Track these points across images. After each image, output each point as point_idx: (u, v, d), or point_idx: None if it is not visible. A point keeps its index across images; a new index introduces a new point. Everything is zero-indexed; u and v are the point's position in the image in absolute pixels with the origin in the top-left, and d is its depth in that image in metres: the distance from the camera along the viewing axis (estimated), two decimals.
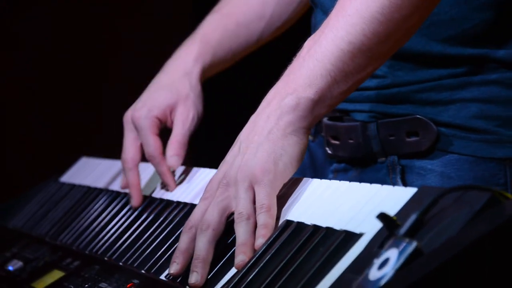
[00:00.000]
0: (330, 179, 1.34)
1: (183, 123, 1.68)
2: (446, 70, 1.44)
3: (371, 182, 1.17)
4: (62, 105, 3.66)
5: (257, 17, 1.85)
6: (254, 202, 1.20)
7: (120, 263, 1.33)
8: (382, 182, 1.23)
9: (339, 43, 1.26)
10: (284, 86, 1.27)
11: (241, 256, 1.14)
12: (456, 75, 1.44)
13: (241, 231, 1.16)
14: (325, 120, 1.48)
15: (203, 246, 1.20)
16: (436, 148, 1.40)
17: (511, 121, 1.41)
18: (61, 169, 1.90)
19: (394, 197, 1.06)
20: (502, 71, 1.44)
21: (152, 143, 1.62)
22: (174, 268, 1.22)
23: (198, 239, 1.21)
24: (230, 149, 1.29)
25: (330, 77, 1.25)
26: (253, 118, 1.29)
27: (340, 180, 1.22)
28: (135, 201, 1.58)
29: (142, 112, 1.65)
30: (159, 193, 1.55)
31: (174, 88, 1.71)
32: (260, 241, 1.15)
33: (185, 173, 1.56)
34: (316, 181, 1.25)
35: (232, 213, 1.20)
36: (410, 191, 1.05)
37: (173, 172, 1.60)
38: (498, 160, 1.40)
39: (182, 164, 1.59)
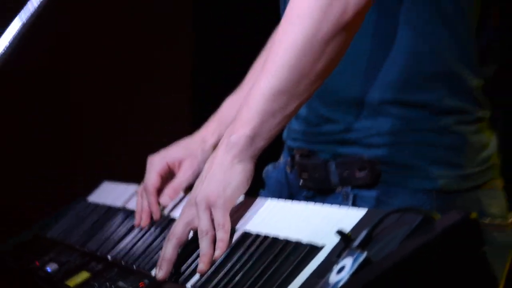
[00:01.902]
0: None
1: (184, 175, 1.67)
2: (385, 118, 1.39)
3: None
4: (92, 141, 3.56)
5: None
6: (212, 220, 1.22)
7: (134, 266, 1.32)
8: None
9: (263, 89, 1.26)
10: (231, 128, 1.28)
11: (201, 264, 1.17)
12: (394, 123, 1.40)
13: (202, 244, 1.19)
14: (297, 157, 1.47)
15: (168, 251, 1.24)
16: (380, 181, 1.38)
17: (438, 160, 1.38)
18: (88, 190, 1.89)
19: (349, 217, 1.05)
20: (433, 119, 1.39)
21: (153, 180, 1.61)
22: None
23: (165, 245, 1.26)
24: (199, 177, 1.31)
25: (260, 117, 1.25)
26: (213, 153, 1.30)
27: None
28: (143, 222, 1.57)
29: (159, 156, 1.66)
30: (165, 212, 1.54)
31: (189, 148, 1.71)
32: (217, 252, 1.18)
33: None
34: (289, 202, 1.25)
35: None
36: (362, 212, 1.04)
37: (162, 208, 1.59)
38: (427, 191, 1.37)
39: None
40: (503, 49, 2.19)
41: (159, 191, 1.60)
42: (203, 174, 1.27)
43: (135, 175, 1.67)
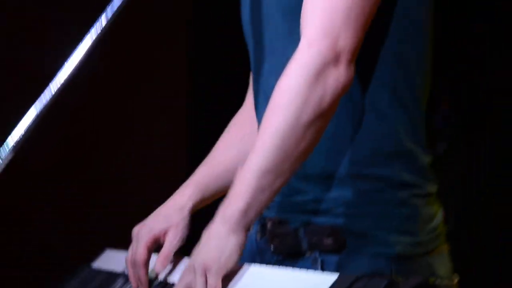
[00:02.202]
0: None
1: (171, 244, 1.69)
2: (350, 190, 1.49)
3: None
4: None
5: (237, 164, 1.82)
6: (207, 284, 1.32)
7: None
8: None
9: (252, 169, 1.36)
10: (226, 202, 1.38)
11: None
12: (358, 195, 1.49)
13: None
14: (269, 225, 1.54)
15: None
16: (345, 247, 1.46)
17: (395, 229, 1.47)
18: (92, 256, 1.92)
19: (323, 281, 1.16)
20: (392, 192, 1.50)
21: (142, 253, 1.64)
22: None
23: None
24: (197, 245, 1.39)
25: (251, 193, 1.35)
26: (211, 225, 1.39)
27: None
28: None
29: (145, 230, 1.69)
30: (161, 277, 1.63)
31: (170, 218, 1.72)
32: None
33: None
34: (263, 267, 1.37)
35: None
36: (334, 277, 1.14)
37: (156, 275, 1.65)
38: (386, 257, 1.46)
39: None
40: (451, 131, 2.44)
41: (147, 262, 1.65)
42: (201, 243, 1.37)
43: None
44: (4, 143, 1.53)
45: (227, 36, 3.10)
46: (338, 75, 1.38)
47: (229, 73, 1.93)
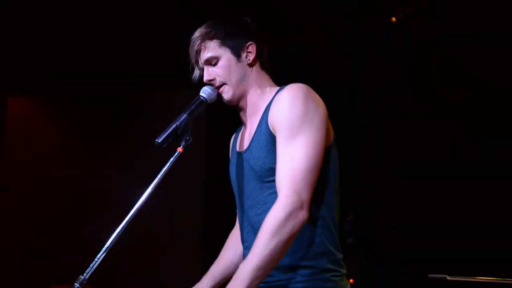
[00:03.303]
0: None
1: None
2: (297, 274, 1.88)
3: None
4: None
5: (231, 263, 2.25)
6: None
7: None
8: None
9: (249, 266, 1.74)
10: (231, 284, 1.75)
11: None
12: (301, 277, 1.89)
13: None
14: None
15: None
16: None
17: None
18: None
19: None
20: (321, 274, 1.90)
21: None
22: None
23: None
24: None
25: (248, 281, 1.73)
26: None
27: None
28: None
29: None
30: None
31: None
32: None
33: None
34: None
35: None
36: None
37: None
38: None
39: None
40: (356, 237, 3.04)
41: None
42: None
43: None
44: None
45: None
46: (303, 214, 1.81)
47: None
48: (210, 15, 2.17)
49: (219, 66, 2.06)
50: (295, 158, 1.82)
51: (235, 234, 2.27)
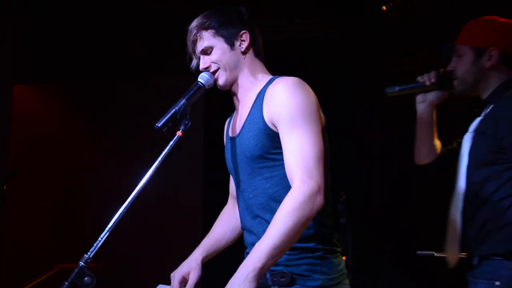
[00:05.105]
0: None
1: (192, 280, 2.17)
2: (294, 254, 1.89)
3: None
4: None
5: (222, 238, 2.32)
6: None
7: None
8: None
9: (267, 245, 1.73)
10: (247, 261, 1.73)
11: None
12: (297, 255, 1.90)
13: None
14: None
15: None
16: (295, 283, 1.88)
17: (319, 272, 1.88)
18: None
19: None
20: (316, 253, 1.91)
21: (176, 286, 2.14)
22: None
23: None
24: (227, 284, 1.69)
25: (265, 258, 1.72)
26: (235, 274, 1.70)
27: None
28: None
29: (177, 272, 2.16)
30: None
31: (191, 265, 2.19)
32: None
33: None
34: None
35: None
36: None
37: None
38: (314, 287, 1.87)
39: None
40: (349, 215, 3.06)
41: None
42: (230, 283, 1.70)
43: None
44: None
45: None
46: (320, 199, 1.80)
47: None
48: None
49: (213, 54, 2.09)
50: (303, 146, 1.84)
51: (227, 210, 2.34)
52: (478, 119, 2.34)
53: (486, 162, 2.21)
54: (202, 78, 2.10)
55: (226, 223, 2.30)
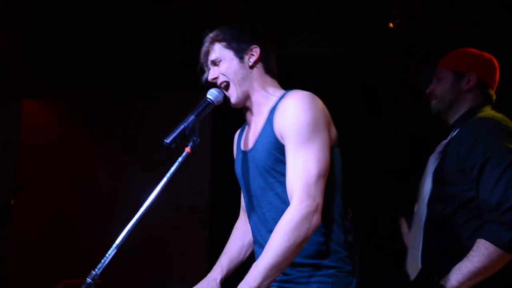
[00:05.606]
0: None
1: None
2: (306, 271, 1.91)
3: None
4: None
5: (239, 254, 2.31)
6: None
7: None
8: None
9: (263, 264, 1.76)
10: (243, 282, 1.77)
11: None
12: (309, 273, 1.92)
13: None
14: None
15: None
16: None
17: (332, 283, 1.92)
18: None
19: None
20: (326, 270, 1.93)
21: None
22: None
23: None
24: None
25: (261, 278, 1.75)
26: None
27: None
28: None
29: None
30: None
31: (210, 283, 2.21)
32: None
33: None
34: None
35: None
36: None
37: None
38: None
39: None
40: (354, 233, 3.02)
41: None
42: None
43: None
44: None
45: None
46: (317, 218, 1.82)
47: None
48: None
49: (222, 66, 2.12)
50: (307, 163, 1.84)
51: (240, 226, 2.34)
52: (444, 142, 2.44)
53: (449, 182, 2.28)
54: (211, 94, 2.11)
55: (242, 238, 2.30)
